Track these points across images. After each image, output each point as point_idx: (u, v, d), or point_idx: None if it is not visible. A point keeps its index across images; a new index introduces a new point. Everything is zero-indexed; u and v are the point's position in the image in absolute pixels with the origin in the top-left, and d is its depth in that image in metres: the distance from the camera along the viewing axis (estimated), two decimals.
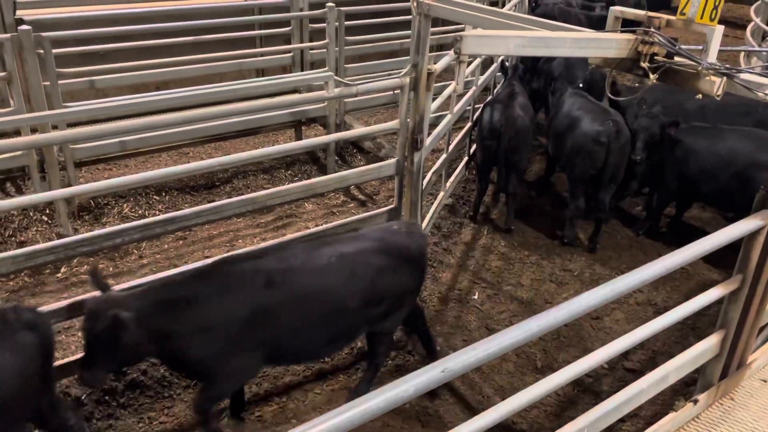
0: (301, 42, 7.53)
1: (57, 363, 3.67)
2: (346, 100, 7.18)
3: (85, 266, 5.31)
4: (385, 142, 7.43)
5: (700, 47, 3.32)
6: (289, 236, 4.56)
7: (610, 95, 3.72)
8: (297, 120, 7.19)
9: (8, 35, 5.30)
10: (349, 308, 3.79)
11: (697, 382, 3.67)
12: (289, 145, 5.51)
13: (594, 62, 3.56)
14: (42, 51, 5.42)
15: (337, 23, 7.05)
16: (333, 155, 7.18)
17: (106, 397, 4.07)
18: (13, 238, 5.55)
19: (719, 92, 3.18)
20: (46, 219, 5.82)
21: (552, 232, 6.52)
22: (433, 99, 4.90)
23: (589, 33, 3.50)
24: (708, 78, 3.18)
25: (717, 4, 3.17)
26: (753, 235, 3.12)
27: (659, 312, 5.30)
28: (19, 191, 6.14)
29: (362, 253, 3.88)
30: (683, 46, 3.31)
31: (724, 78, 3.19)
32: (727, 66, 3.25)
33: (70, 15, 7.25)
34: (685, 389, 4.35)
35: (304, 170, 7.22)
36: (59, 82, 5.62)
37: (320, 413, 4.15)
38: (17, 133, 5.47)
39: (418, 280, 4.22)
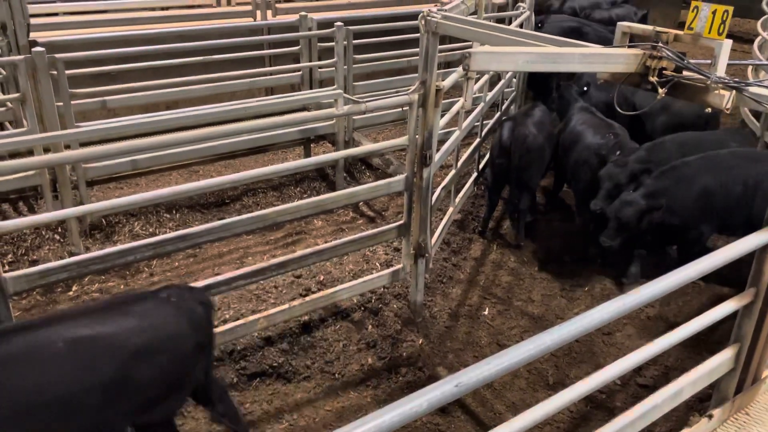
0: (310, 60, 7.60)
1: None
2: (354, 117, 7.23)
3: (97, 284, 5.34)
4: (393, 158, 7.46)
5: (709, 61, 3.33)
6: (300, 252, 4.57)
7: (619, 109, 3.73)
8: (306, 137, 7.24)
9: (22, 57, 5.39)
10: (86, 406, 2.90)
11: (711, 397, 3.63)
12: (298, 162, 5.54)
13: (602, 77, 3.58)
14: (55, 72, 5.50)
15: (345, 42, 7.12)
16: (342, 172, 7.21)
17: None
18: (26, 257, 5.59)
19: (728, 106, 3.19)
20: (58, 237, 5.86)
21: (562, 247, 6.50)
22: (442, 115, 4.93)
23: (596, 48, 3.52)
24: (717, 92, 3.19)
25: (725, 18, 3.19)
26: (765, 248, 3.11)
27: (671, 327, 5.23)
28: (32, 210, 6.19)
29: (107, 336, 3.00)
30: (691, 61, 3.33)
31: (733, 92, 3.20)
32: (736, 80, 3.26)
33: (83, 36, 7.35)
34: (699, 405, 4.31)
35: (314, 187, 7.26)
36: (72, 102, 5.70)
37: (331, 430, 4.15)
38: (30, 152, 5.53)
39: (194, 360, 3.31)
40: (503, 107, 8.02)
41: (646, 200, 5.44)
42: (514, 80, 8.44)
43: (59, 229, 5.92)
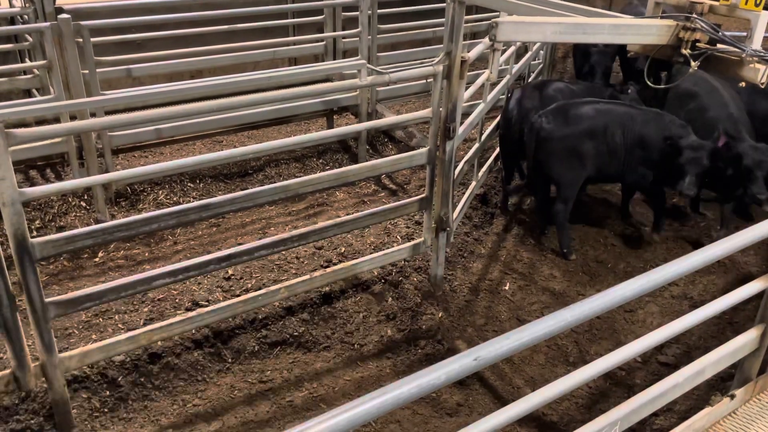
0: (334, 30, 7.53)
1: (96, 345, 3.78)
2: (378, 88, 7.16)
3: (122, 251, 5.42)
4: (416, 131, 7.40)
5: (744, 34, 3.23)
6: (321, 224, 4.58)
7: (649, 82, 3.63)
8: (329, 109, 7.20)
9: (48, 24, 5.41)
10: None
11: (733, 377, 3.59)
12: (320, 134, 5.51)
13: (633, 49, 3.49)
14: (81, 39, 5.52)
15: (369, 11, 7.02)
16: (364, 144, 7.18)
17: (142, 379, 4.17)
18: (53, 223, 5.69)
19: (763, 80, 3.09)
20: (84, 205, 5.95)
21: (585, 223, 6.43)
22: (466, 88, 4.86)
23: (628, 19, 3.42)
24: (752, 65, 3.09)
25: None
26: None
27: (695, 305, 5.20)
28: (59, 177, 6.28)
29: None
30: (726, 33, 3.23)
31: None
32: None
33: (108, 4, 7.36)
34: (720, 384, 4.27)
35: (336, 159, 7.25)
36: (97, 70, 5.72)
37: (350, 400, 4.19)
38: (57, 120, 5.59)
39: None
40: (529, 80, 7.89)
41: None
42: (542, 52, 8.28)
43: (85, 197, 6.00)
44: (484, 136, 6.34)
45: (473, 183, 6.24)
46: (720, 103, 6.07)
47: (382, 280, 5.22)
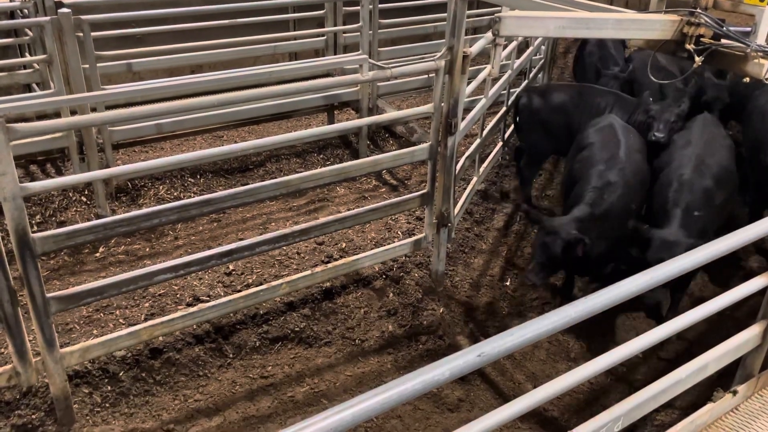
0: (335, 25, 7.50)
1: (97, 340, 3.78)
2: (379, 83, 7.14)
3: (123, 246, 5.41)
4: (417, 126, 7.39)
5: (749, 29, 3.21)
6: (322, 219, 4.57)
7: (653, 78, 3.62)
8: (330, 104, 7.18)
9: (48, 18, 5.38)
10: None
11: (735, 372, 3.59)
12: (321, 129, 5.50)
13: (636, 44, 3.47)
14: (81, 34, 5.50)
15: (371, 6, 7.00)
16: (365, 139, 7.16)
17: (143, 374, 4.17)
18: (54, 218, 5.68)
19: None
20: (85, 200, 5.94)
21: None
22: (468, 83, 4.85)
23: (631, 14, 3.41)
24: (756, 61, 3.08)
25: None
26: None
27: (696, 301, 5.19)
28: (59, 172, 6.27)
29: None
30: (730, 28, 3.21)
31: None
32: None
33: None
34: (721, 380, 4.26)
35: (337, 154, 7.23)
36: (98, 64, 5.70)
37: (351, 395, 4.20)
38: (57, 114, 5.57)
39: None
40: (531, 75, 7.87)
41: None
42: (543, 47, 8.26)
43: (86, 192, 5.99)
44: (485, 132, 6.32)
45: (474, 178, 6.23)
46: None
47: (383, 276, 5.21)
